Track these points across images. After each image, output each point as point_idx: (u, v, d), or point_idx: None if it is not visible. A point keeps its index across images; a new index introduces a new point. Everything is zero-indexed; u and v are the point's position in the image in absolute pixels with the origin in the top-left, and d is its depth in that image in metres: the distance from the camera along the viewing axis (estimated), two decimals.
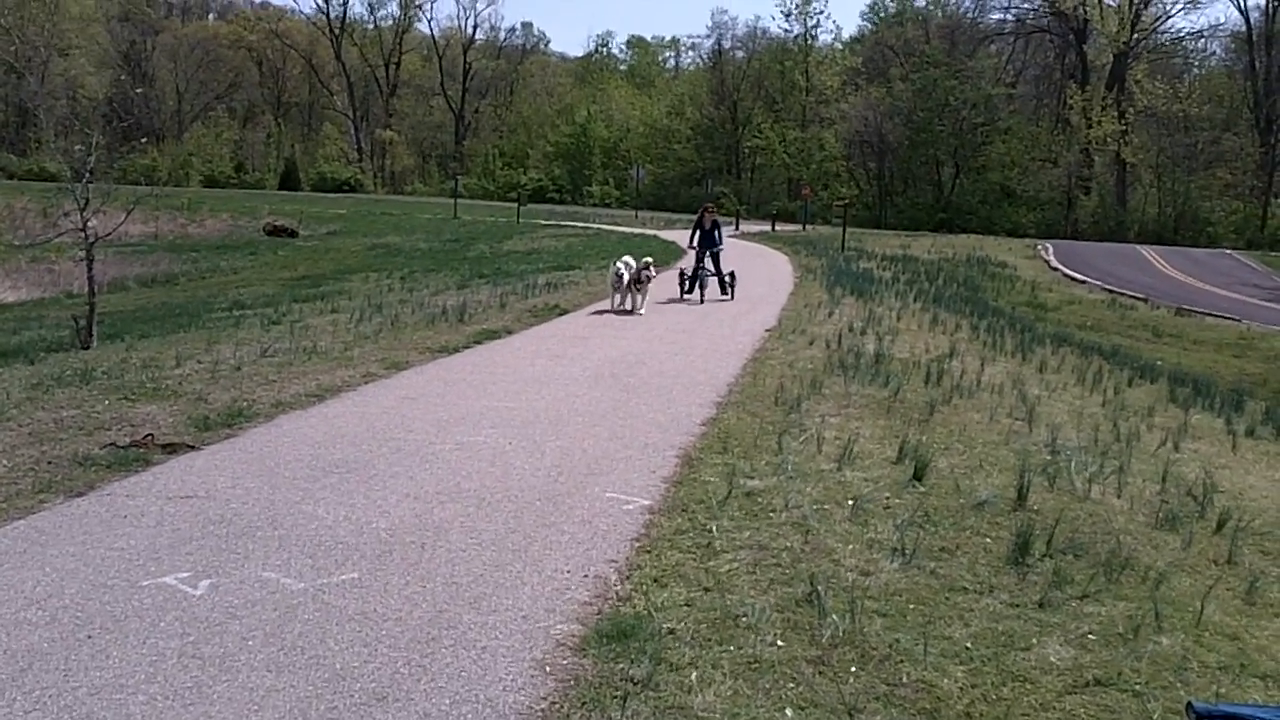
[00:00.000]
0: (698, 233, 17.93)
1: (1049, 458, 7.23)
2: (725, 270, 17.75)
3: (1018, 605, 4.53)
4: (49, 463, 6.08)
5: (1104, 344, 17.31)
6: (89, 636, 3.86)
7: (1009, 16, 77.56)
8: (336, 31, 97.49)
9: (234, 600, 4.24)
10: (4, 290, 22.92)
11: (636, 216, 55.62)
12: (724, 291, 17.51)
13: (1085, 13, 67.92)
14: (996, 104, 69.12)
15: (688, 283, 17.37)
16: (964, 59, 70.36)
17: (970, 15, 79.78)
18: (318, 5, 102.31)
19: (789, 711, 3.52)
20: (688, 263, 18.78)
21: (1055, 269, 35.89)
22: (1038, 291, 28.22)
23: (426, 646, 3.88)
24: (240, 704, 3.41)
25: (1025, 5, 75.60)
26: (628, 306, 15.15)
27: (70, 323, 11.78)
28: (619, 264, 15.33)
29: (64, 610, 4.08)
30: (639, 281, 15.05)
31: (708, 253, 17.75)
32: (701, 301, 16.82)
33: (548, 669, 3.75)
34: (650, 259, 15.99)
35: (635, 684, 3.63)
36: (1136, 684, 3.86)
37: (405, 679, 3.62)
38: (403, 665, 3.73)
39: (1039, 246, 44.51)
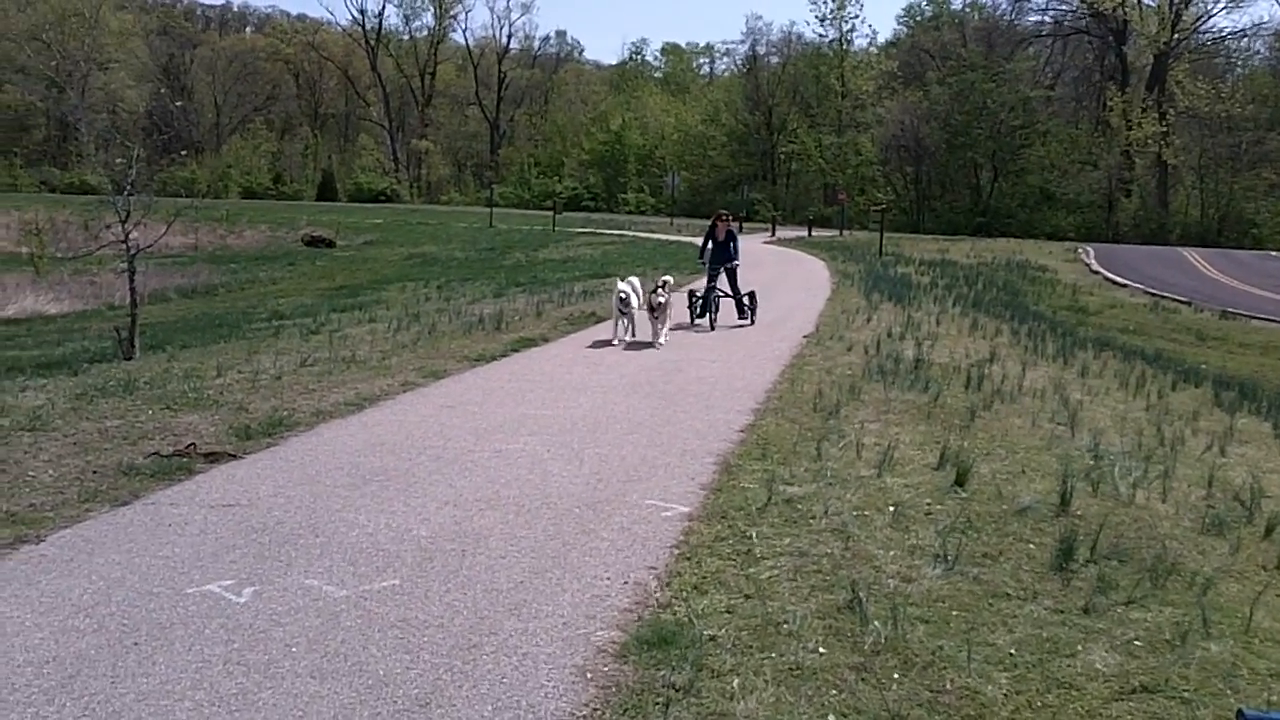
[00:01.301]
0: (710, 245, 15.23)
1: (1092, 463, 7.14)
2: (744, 290, 15.14)
3: (1062, 611, 4.48)
4: (94, 472, 6.17)
5: (1147, 348, 17.08)
6: (135, 643, 3.91)
7: (1047, 18, 77.16)
8: (372, 43, 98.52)
9: (277, 608, 4.28)
10: (47, 302, 23.24)
11: (672, 223, 55.62)
12: (741, 314, 15.05)
13: (1124, 13, 67.30)
14: (1035, 106, 68.53)
15: (698, 305, 14.71)
16: (1001, 61, 69.83)
17: (1007, 17, 79.33)
18: (353, 17, 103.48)
19: (831, 718, 3.50)
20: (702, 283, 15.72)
21: (1096, 272, 35.46)
22: (1079, 295, 27.91)
23: (468, 653, 3.89)
24: (284, 710, 3.44)
25: (1063, 7, 75.18)
26: (634, 336, 12.75)
27: (112, 334, 11.92)
28: (622, 285, 12.81)
29: (111, 617, 4.14)
30: (654, 308, 12.69)
31: (721, 269, 15.04)
32: (712, 328, 14.24)
33: (589, 675, 3.74)
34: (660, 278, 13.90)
35: (677, 690, 3.62)
36: (1185, 691, 3.80)
37: (447, 685, 3.64)
38: (444, 672, 3.74)
39: (1079, 250, 44.10)
